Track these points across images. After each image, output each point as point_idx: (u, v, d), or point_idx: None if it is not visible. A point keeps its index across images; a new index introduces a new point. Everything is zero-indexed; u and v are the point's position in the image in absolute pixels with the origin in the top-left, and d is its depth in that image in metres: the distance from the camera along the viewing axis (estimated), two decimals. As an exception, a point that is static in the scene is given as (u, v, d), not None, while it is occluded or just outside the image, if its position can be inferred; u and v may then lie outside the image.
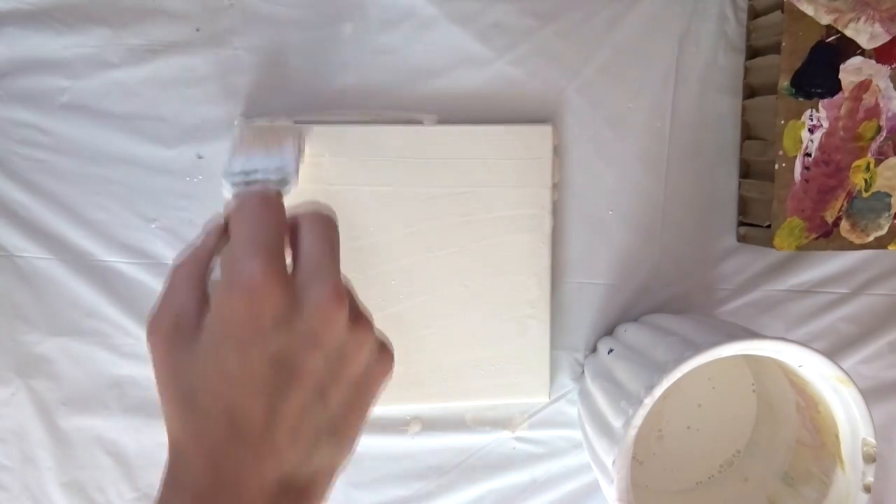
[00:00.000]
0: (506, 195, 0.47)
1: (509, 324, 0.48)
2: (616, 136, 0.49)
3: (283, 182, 0.35)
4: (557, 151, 0.48)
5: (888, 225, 0.47)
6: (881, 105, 0.46)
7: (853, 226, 0.47)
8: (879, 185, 0.46)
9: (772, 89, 0.45)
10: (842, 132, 0.46)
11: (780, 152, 0.45)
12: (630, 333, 0.47)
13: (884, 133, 0.46)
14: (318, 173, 0.46)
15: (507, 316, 0.48)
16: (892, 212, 0.47)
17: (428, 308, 0.48)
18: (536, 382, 0.49)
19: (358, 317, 0.28)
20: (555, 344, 0.50)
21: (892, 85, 0.46)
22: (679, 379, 0.39)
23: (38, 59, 0.44)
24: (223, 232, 0.29)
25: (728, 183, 0.51)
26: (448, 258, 0.47)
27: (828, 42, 0.44)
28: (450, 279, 0.48)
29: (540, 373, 0.49)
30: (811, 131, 0.45)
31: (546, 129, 0.47)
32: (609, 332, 0.51)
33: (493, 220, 0.47)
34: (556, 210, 0.49)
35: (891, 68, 0.45)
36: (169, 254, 0.47)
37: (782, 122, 0.45)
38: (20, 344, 0.47)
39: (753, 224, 0.49)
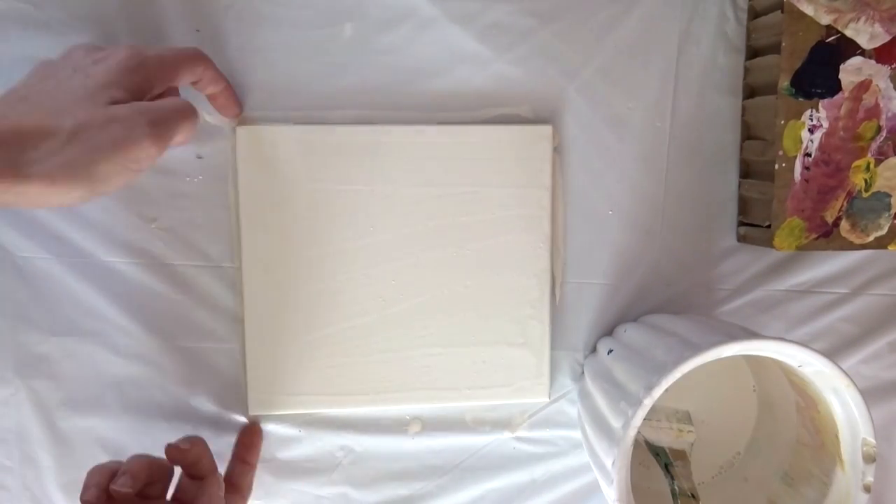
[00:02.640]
0: (505, 195, 0.47)
1: (509, 324, 0.49)
2: (616, 136, 0.49)
3: None
4: (557, 151, 0.48)
5: (888, 225, 0.47)
6: (881, 105, 0.46)
7: (853, 226, 0.47)
8: (879, 185, 0.46)
9: (772, 89, 0.45)
10: (842, 132, 0.46)
11: (780, 152, 0.45)
12: (630, 334, 0.47)
13: (884, 133, 0.46)
14: (319, 173, 0.46)
15: (507, 316, 0.48)
16: (892, 212, 0.47)
17: (428, 308, 0.48)
18: (536, 383, 0.49)
19: None
20: (555, 344, 0.50)
21: (892, 85, 0.45)
22: (679, 379, 0.39)
23: (38, 60, 0.44)
24: None
25: (728, 183, 0.51)
26: (448, 258, 0.48)
27: (828, 42, 0.44)
28: (450, 279, 0.48)
29: (540, 373, 0.49)
30: (811, 131, 0.45)
31: (546, 130, 0.47)
32: (609, 332, 0.51)
33: (492, 220, 0.48)
34: (556, 210, 0.49)
35: (891, 68, 0.45)
36: (169, 254, 0.47)
37: (782, 122, 0.45)
38: (20, 344, 0.47)
39: (753, 224, 0.49)
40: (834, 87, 0.45)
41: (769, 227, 0.46)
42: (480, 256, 0.48)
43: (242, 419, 0.49)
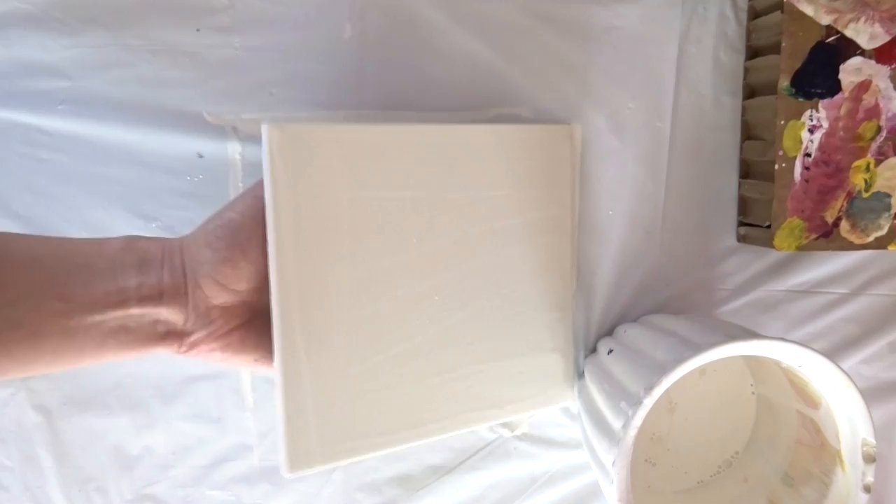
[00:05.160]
0: (528, 197, 0.45)
1: (541, 330, 0.46)
2: (616, 136, 0.49)
3: None
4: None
5: (888, 225, 0.47)
6: (881, 105, 0.46)
7: (853, 226, 0.47)
8: (879, 185, 0.46)
9: (772, 89, 0.45)
10: (842, 132, 0.46)
11: (780, 152, 0.45)
12: (630, 334, 0.47)
13: (884, 133, 0.46)
14: (360, 180, 0.39)
15: (538, 322, 0.46)
16: (892, 212, 0.47)
17: (468, 323, 0.44)
18: (566, 386, 0.48)
19: None
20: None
21: (891, 85, 0.46)
22: (679, 379, 0.39)
23: (39, 60, 0.44)
24: None
25: (728, 183, 0.51)
26: (482, 268, 0.43)
27: (828, 42, 0.45)
28: (484, 290, 0.44)
29: (568, 375, 0.48)
30: (811, 131, 0.45)
31: (567, 129, 0.46)
32: (609, 332, 0.51)
33: (521, 223, 0.45)
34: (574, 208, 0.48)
35: (891, 68, 0.45)
36: (169, 254, 0.47)
37: (782, 122, 0.45)
38: (20, 344, 0.47)
39: (753, 224, 0.49)
40: (834, 88, 0.45)
41: (769, 227, 0.46)
42: (511, 262, 0.44)
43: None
